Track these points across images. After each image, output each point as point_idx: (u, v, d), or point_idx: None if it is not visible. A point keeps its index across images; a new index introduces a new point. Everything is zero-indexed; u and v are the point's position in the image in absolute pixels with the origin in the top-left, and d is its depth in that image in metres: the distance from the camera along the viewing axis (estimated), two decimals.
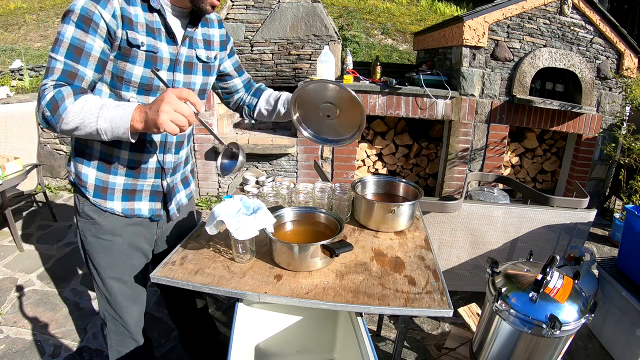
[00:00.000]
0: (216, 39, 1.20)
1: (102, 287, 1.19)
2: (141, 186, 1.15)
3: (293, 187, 1.45)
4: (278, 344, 1.19)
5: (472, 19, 3.00)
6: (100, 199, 1.11)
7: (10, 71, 4.92)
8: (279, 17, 3.73)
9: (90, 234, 1.15)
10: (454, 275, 2.25)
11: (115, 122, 0.87)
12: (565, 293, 1.37)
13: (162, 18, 1.01)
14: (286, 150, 3.37)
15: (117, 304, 1.21)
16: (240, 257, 1.11)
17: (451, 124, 3.35)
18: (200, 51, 1.13)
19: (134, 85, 1.00)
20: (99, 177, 1.09)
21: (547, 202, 2.12)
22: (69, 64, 0.91)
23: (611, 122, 3.43)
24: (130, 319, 1.24)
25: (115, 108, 0.88)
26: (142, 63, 0.99)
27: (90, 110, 0.87)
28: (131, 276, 1.21)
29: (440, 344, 1.93)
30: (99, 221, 1.13)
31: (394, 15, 7.45)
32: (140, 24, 0.97)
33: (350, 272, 1.08)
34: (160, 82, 0.98)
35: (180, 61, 1.07)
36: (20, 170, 2.53)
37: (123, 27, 0.94)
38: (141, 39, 0.97)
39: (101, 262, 1.16)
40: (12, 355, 1.78)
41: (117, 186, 1.11)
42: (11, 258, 2.57)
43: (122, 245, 1.16)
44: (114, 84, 0.99)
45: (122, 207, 1.13)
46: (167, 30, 1.02)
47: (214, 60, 1.19)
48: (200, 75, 1.16)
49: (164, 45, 1.02)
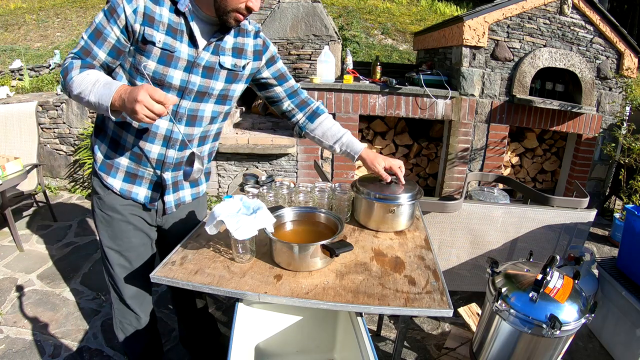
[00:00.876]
0: (249, 48, 1.21)
1: (104, 257, 1.31)
2: (142, 173, 1.21)
3: (293, 187, 1.45)
4: (278, 344, 1.19)
5: (472, 19, 3.00)
6: (104, 172, 1.21)
7: (10, 71, 4.93)
8: (279, 17, 3.73)
9: (97, 207, 1.26)
10: (454, 275, 2.25)
11: (101, 99, 0.95)
12: (565, 293, 1.37)
13: (187, 22, 1.06)
14: (286, 150, 3.37)
15: (116, 274, 1.30)
16: (240, 257, 1.11)
17: (451, 124, 3.35)
18: (225, 58, 1.15)
19: (147, 77, 1.06)
20: (108, 154, 1.19)
21: (547, 202, 2.12)
22: (88, 43, 1.04)
23: (611, 122, 3.43)
24: (127, 292, 1.32)
25: (103, 86, 0.96)
26: (155, 59, 1.05)
27: (86, 84, 0.98)
28: (130, 251, 1.29)
29: (440, 344, 1.93)
30: (102, 196, 1.23)
31: (394, 15, 7.45)
32: (162, 23, 1.04)
33: (350, 272, 1.08)
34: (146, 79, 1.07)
35: (200, 64, 1.11)
36: (20, 170, 2.53)
37: (142, 23, 1.02)
38: (158, 37, 1.03)
39: (104, 234, 1.27)
40: (12, 355, 1.78)
41: (121, 167, 1.20)
42: (11, 258, 2.57)
43: (121, 223, 1.25)
44: (132, 72, 1.08)
45: (120, 187, 1.21)
46: (190, 34, 1.07)
47: (242, 69, 1.20)
48: (221, 81, 1.17)
49: (184, 47, 1.07)
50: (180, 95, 1.12)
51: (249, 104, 4.45)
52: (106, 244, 1.28)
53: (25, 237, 2.84)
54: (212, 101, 1.19)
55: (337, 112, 3.29)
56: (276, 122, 3.94)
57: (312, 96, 3.38)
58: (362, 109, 3.28)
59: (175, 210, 1.31)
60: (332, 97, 3.25)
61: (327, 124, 1.39)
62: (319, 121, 1.39)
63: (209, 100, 1.18)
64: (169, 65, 1.07)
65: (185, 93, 1.12)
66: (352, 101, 3.25)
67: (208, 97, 1.17)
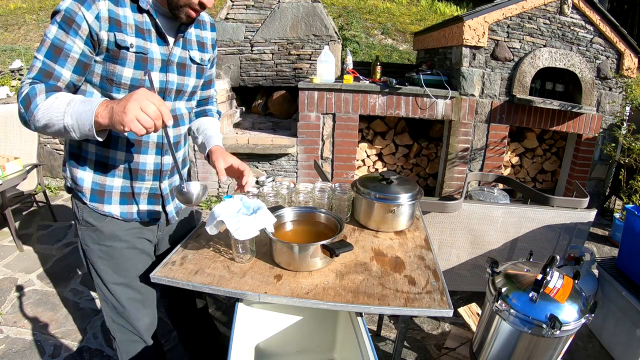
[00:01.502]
0: (209, 41, 1.19)
1: (108, 295, 1.16)
2: (139, 189, 1.12)
3: (293, 187, 1.45)
4: (278, 344, 1.19)
5: (472, 18, 3.00)
6: (97, 202, 1.09)
7: (10, 71, 4.92)
8: (279, 17, 3.73)
9: (92, 242, 1.12)
10: (454, 275, 2.25)
11: (81, 118, 0.84)
12: (565, 293, 1.37)
13: (152, 19, 0.99)
14: (286, 150, 3.37)
15: (126, 311, 1.17)
16: (240, 257, 1.11)
17: (451, 124, 3.35)
18: (194, 53, 1.12)
19: (124, 87, 0.98)
20: (95, 180, 1.07)
21: (547, 202, 2.12)
22: (47, 63, 0.90)
23: (611, 122, 3.43)
24: (141, 325, 1.21)
25: (81, 103, 0.86)
26: (132, 65, 0.97)
27: (58, 107, 0.86)
28: (138, 280, 1.18)
29: (440, 343, 1.93)
30: (100, 227, 1.10)
31: (394, 15, 7.45)
32: (129, 25, 0.96)
33: (350, 272, 1.08)
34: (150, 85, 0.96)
35: (173, 62, 1.06)
36: (20, 170, 2.53)
37: (109, 29, 0.92)
38: (130, 41, 0.95)
39: (106, 269, 1.13)
40: (12, 355, 1.78)
41: (115, 189, 1.09)
42: (11, 258, 2.57)
43: (125, 250, 1.14)
44: (104, 86, 0.98)
45: (120, 211, 1.11)
46: (158, 31, 1.01)
47: (207, 62, 1.19)
48: (194, 77, 1.14)
49: (155, 46, 1.01)
50: (161, 96, 1.04)
51: (249, 104, 4.45)
52: (110, 280, 1.14)
53: (25, 237, 2.84)
54: (185, 99, 1.15)
55: (337, 112, 3.29)
56: (276, 122, 3.94)
57: (312, 96, 3.39)
58: (362, 109, 3.28)
59: (177, 218, 1.27)
60: (332, 97, 3.25)
61: (206, 121, 1.30)
62: (203, 118, 1.31)
63: (182, 98, 1.14)
64: (145, 69, 1.00)
65: (166, 94, 1.07)
66: (352, 101, 3.26)
67: (183, 94, 1.13)
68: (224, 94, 3.74)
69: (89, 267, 1.16)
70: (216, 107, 1.38)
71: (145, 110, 0.81)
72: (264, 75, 3.94)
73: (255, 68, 3.91)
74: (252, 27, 3.80)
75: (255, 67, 3.90)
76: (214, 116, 1.34)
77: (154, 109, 0.82)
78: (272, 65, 3.89)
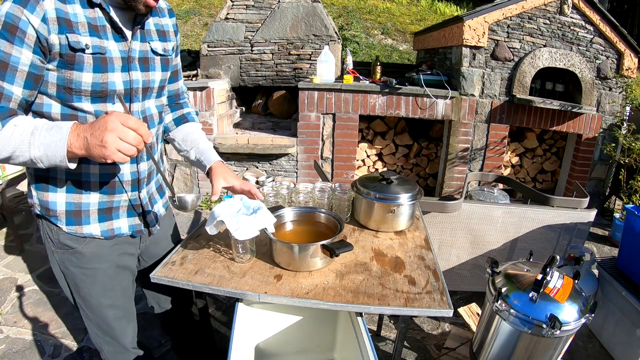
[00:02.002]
0: (170, 28, 1.09)
1: (92, 318, 1.11)
2: (118, 202, 1.04)
3: (293, 187, 1.45)
4: (278, 344, 1.19)
5: (472, 18, 3.00)
6: (75, 225, 0.99)
7: None
8: (279, 17, 3.73)
9: (72, 265, 1.04)
10: (454, 275, 2.25)
11: (50, 149, 0.77)
12: (565, 293, 1.37)
13: (105, 13, 0.88)
14: (286, 150, 3.37)
15: (113, 330, 1.14)
16: (240, 257, 1.11)
17: (451, 124, 3.35)
18: (155, 44, 1.01)
19: (85, 94, 0.88)
20: (70, 200, 0.97)
21: (547, 202, 2.12)
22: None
23: (611, 122, 3.43)
24: (127, 339, 1.19)
25: (47, 132, 0.77)
26: (90, 68, 0.86)
27: (20, 138, 0.77)
28: (123, 298, 1.14)
29: (440, 343, 1.93)
30: (80, 249, 1.02)
31: (394, 15, 7.44)
32: (81, 24, 0.84)
33: (350, 272, 1.08)
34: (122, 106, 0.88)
35: (134, 58, 0.95)
36: (20, 170, 2.53)
37: (59, 31, 0.81)
38: (85, 41, 0.84)
39: (90, 292, 1.07)
40: (12, 355, 1.78)
41: (92, 206, 1.00)
42: (11, 258, 2.57)
43: (108, 270, 1.07)
44: (63, 96, 0.87)
45: (100, 229, 1.03)
46: (113, 26, 0.90)
47: (171, 52, 1.09)
48: (159, 70, 1.04)
49: (112, 44, 0.90)
50: (128, 99, 0.96)
51: (249, 104, 4.45)
52: (95, 303, 1.08)
53: (25, 237, 2.84)
54: (153, 96, 1.05)
55: (337, 112, 3.29)
56: (276, 122, 3.94)
57: (312, 96, 3.39)
58: (362, 109, 3.28)
59: (158, 228, 1.20)
60: (332, 97, 3.25)
61: (190, 130, 1.23)
62: (185, 126, 1.24)
63: (151, 96, 1.04)
64: (106, 71, 0.89)
65: (133, 95, 0.97)
66: (352, 101, 3.26)
67: (150, 92, 1.03)
68: (224, 94, 3.74)
69: (71, 291, 1.09)
70: (191, 105, 1.29)
71: (125, 140, 0.76)
72: (264, 75, 3.94)
73: (255, 68, 3.91)
74: (252, 27, 3.80)
75: (255, 67, 3.90)
76: (194, 120, 1.26)
77: (133, 136, 0.77)
78: (272, 65, 3.89)
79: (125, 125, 0.76)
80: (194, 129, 1.24)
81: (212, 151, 1.21)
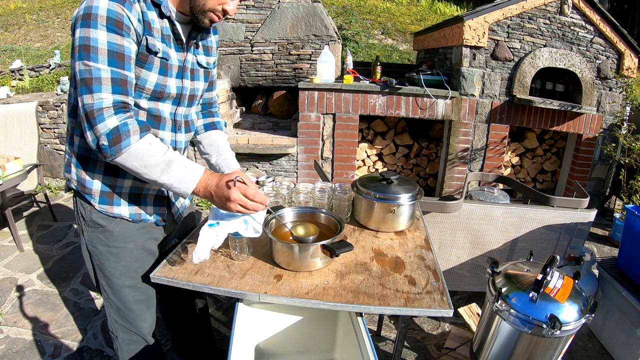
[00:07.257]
0: (213, 44, 1.20)
1: (113, 299, 1.15)
2: (147, 190, 1.12)
3: (293, 187, 1.45)
4: (278, 344, 1.19)
5: (472, 19, 3.00)
6: (106, 205, 1.06)
7: (10, 71, 4.92)
8: (279, 17, 3.73)
9: (100, 243, 1.09)
10: (454, 275, 2.25)
11: (179, 184, 0.93)
12: (566, 293, 1.37)
13: (172, 24, 0.99)
14: (286, 150, 3.37)
15: (132, 313, 1.17)
16: (237, 256, 1.12)
17: (451, 124, 3.35)
18: (200, 57, 1.13)
19: (147, 92, 0.98)
20: (105, 182, 1.05)
21: (548, 202, 2.11)
22: (116, 71, 0.87)
23: (611, 122, 3.43)
24: (145, 326, 1.22)
25: (183, 169, 0.93)
26: (156, 70, 0.97)
27: (156, 161, 0.91)
28: (145, 281, 1.17)
29: (441, 344, 1.93)
30: (110, 228, 1.08)
31: (394, 15, 7.44)
32: (156, 30, 0.95)
33: (351, 272, 1.08)
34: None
35: (187, 68, 1.07)
36: (20, 170, 2.53)
37: (145, 32, 0.92)
38: (158, 46, 0.95)
39: (114, 272, 1.12)
40: (12, 355, 1.78)
41: (124, 189, 1.08)
42: (11, 258, 2.57)
43: (134, 251, 1.13)
44: None
45: (129, 212, 1.10)
46: (176, 37, 1.01)
47: (212, 65, 1.20)
48: (202, 81, 1.16)
49: (173, 52, 1.02)
50: (176, 102, 1.08)
51: (249, 104, 4.45)
52: (118, 283, 1.13)
53: (25, 237, 2.84)
54: (196, 104, 1.18)
55: (337, 112, 3.29)
56: (276, 122, 3.94)
57: (312, 96, 3.39)
58: (362, 109, 3.28)
59: (182, 219, 1.29)
60: (332, 97, 3.25)
61: (218, 137, 1.32)
62: (213, 133, 1.32)
63: (195, 104, 1.17)
64: (166, 75, 1.01)
65: (181, 100, 1.09)
66: (352, 101, 3.26)
67: (195, 99, 1.15)
68: (224, 94, 3.74)
69: (95, 270, 1.14)
70: (221, 116, 1.39)
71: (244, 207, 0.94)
72: (264, 75, 3.94)
73: (255, 68, 3.91)
74: (252, 27, 3.80)
75: (256, 67, 3.91)
76: (222, 129, 1.35)
77: (252, 206, 0.95)
78: (272, 65, 3.89)
79: (245, 196, 0.94)
80: (221, 138, 1.33)
81: (234, 160, 1.32)
